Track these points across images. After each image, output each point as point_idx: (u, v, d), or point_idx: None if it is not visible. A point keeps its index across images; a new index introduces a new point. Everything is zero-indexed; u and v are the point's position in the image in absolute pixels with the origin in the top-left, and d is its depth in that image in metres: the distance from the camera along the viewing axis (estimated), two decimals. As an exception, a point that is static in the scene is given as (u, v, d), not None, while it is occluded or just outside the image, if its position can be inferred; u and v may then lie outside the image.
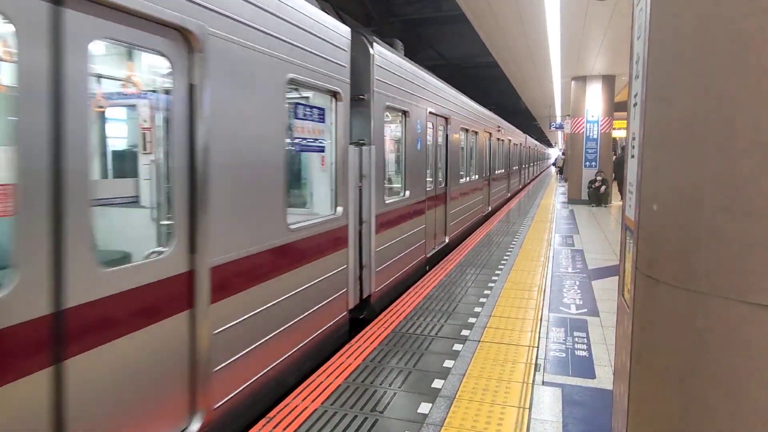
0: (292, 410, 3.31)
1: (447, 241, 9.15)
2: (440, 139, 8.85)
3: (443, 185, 8.96)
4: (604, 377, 3.84)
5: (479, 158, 12.55)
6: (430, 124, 7.96)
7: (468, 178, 11.20)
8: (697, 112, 1.56)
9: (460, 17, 12.00)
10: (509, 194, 19.44)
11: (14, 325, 1.98)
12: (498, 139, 15.95)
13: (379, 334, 4.66)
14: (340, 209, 4.72)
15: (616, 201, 16.63)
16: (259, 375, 3.51)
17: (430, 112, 7.88)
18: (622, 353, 2.12)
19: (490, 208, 14.36)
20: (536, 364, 4.03)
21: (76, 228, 2.20)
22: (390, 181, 6.81)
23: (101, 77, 3.73)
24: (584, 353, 4.31)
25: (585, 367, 4.04)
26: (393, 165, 6.94)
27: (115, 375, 2.42)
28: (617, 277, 2.36)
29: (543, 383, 3.72)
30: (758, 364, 1.46)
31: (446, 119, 9.04)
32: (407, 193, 6.79)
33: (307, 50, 4.04)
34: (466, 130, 10.88)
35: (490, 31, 11.66)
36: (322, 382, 3.70)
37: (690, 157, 1.58)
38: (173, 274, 2.76)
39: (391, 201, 6.09)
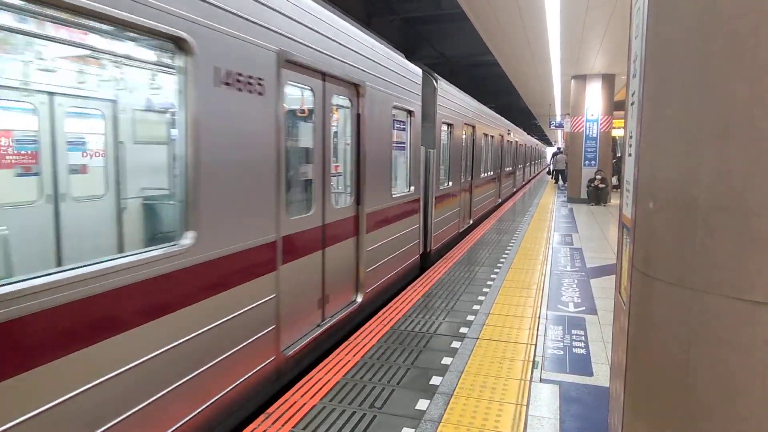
0: (291, 406, 3.33)
1: (471, 222, 11.59)
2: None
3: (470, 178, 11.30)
4: (602, 374, 3.86)
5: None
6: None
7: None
8: (693, 111, 1.57)
9: (460, 15, 11.99)
10: (510, 193, 18.98)
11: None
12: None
13: (378, 332, 4.68)
14: (412, 188, 7.15)
15: (615, 200, 16.65)
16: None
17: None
18: (618, 350, 2.14)
19: (500, 200, 16.07)
20: (534, 362, 4.04)
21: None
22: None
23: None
24: (582, 351, 4.33)
25: (583, 364, 4.06)
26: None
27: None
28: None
29: (541, 380, 3.74)
30: (752, 360, 1.48)
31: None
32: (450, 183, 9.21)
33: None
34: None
35: (490, 29, 11.66)
36: (320, 379, 3.72)
37: (686, 155, 1.60)
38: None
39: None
